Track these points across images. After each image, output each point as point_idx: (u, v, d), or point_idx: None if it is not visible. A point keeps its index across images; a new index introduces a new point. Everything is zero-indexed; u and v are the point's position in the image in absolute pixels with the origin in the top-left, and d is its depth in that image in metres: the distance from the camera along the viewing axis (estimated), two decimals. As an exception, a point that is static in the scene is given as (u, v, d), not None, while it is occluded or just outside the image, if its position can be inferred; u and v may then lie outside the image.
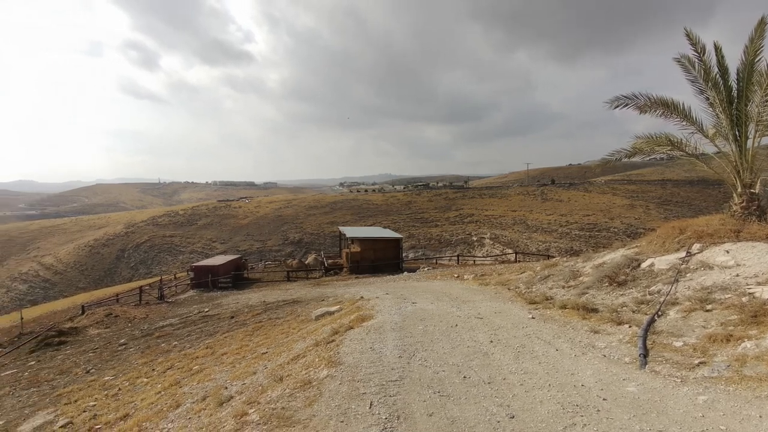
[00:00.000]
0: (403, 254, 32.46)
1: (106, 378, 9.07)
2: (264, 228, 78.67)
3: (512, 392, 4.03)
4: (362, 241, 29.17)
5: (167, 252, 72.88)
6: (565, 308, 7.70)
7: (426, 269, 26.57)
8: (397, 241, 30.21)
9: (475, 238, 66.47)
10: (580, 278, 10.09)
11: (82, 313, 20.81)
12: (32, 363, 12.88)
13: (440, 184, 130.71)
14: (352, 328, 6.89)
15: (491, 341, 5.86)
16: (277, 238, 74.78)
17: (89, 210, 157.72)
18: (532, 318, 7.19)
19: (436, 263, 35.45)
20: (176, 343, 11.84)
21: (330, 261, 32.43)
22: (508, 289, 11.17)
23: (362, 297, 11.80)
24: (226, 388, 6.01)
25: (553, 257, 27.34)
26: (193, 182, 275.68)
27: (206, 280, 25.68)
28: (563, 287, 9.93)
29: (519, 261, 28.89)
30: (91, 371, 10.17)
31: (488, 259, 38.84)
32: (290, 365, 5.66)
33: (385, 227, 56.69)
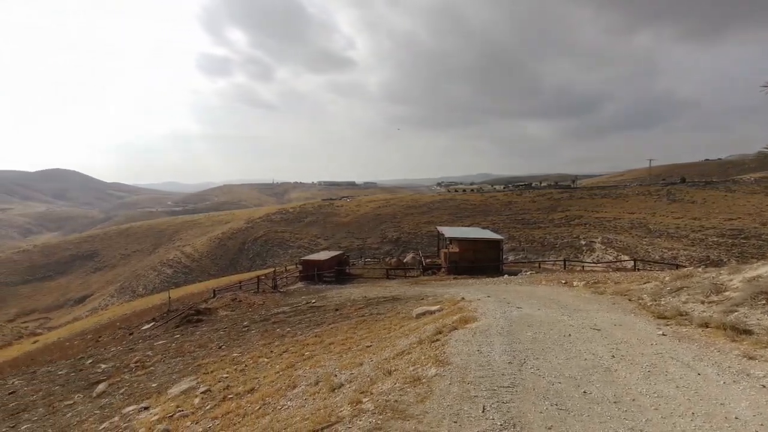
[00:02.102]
0: (503, 256, 31.14)
1: (234, 354, 10.31)
2: (364, 226, 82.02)
3: (645, 416, 3.60)
4: (461, 241, 28.69)
5: (279, 246, 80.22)
6: (707, 327, 6.64)
7: (528, 273, 25.13)
8: (498, 242, 29.09)
9: (583, 242, 60.90)
10: (726, 293, 8.60)
11: (213, 296, 23.98)
12: (177, 336, 15.21)
13: (544, 184, 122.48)
14: (455, 329, 6.82)
15: (613, 356, 5.31)
16: (376, 236, 77.36)
17: (218, 207, 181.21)
18: (663, 335, 6.34)
19: (540, 267, 33.27)
20: (289, 329, 12.95)
21: (428, 260, 32.53)
22: (629, 299, 10.02)
23: (463, 298, 11.60)
24: (336, 375, 6.39)
25: (683, 267, 23.76)
26: (300, 182, 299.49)
27: (312, 273, 27.60)
28: (702, 302, 8.56)
29: (638, 269, 25.69)
30: (222, 347, 11.66)
31: (599, 265, 35.26)
32: (396, 360, 5.81)
33: (483, 228, 55.03)
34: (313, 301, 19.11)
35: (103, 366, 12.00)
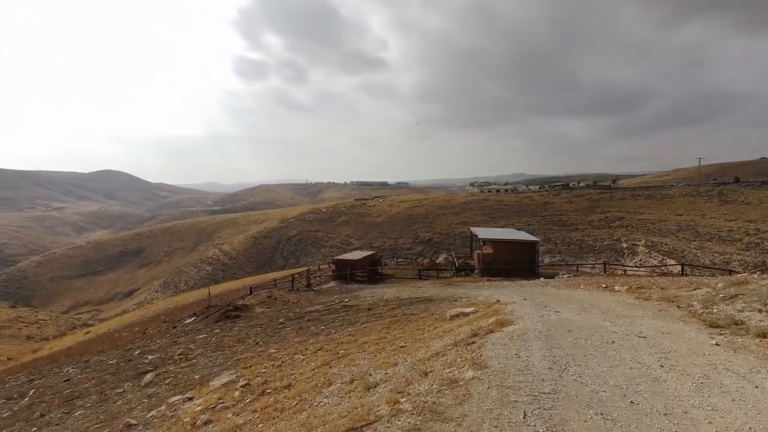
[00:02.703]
0: (539, 258, 30.31)
1: (270, 350, 10.60)
2: (396, 226, 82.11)
3: (698, 430, 3.41)
4: (495, 242, 28.20)
5: (312, 245, 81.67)
6: (765, 337, 6.21)
7: (565, 276, 24.35)
8: (533, 244, 28.37)
9: (625, 245, 58.28)
10: (787, 302, 8.01)
11: (250, 293, 24.72)
12: (217, 331, 15.80)
13: (582, 184, 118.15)
14: (492, 331, 6.71)
15: (661, 365, 5.05)
16: (408, 236, 77.25)
17: (254, 207, 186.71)
18: (716, 344, 5.97)
19: (578, 270, 32.13)
20: (323, 327, 13.16)
21: (460, 261, 32.18)
22: (678, 307, 9.50)
23: (498, 300, 11.39)
24: (371, 374, 6.43)
25: (737, 272, 22.27)
26: (333, 182, 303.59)
27: (345, 273, 27.91)
28: (759, 311, 8.01)
29: (686, 274, 24.29)
30: (259, 343, 12.00)
31: (642, 269, 33.62)
32: (431, 362, 5.78)
33: (518, 229, 53.79)
34: (346, 300, 19.32)
35: (150, 357, 12.65)
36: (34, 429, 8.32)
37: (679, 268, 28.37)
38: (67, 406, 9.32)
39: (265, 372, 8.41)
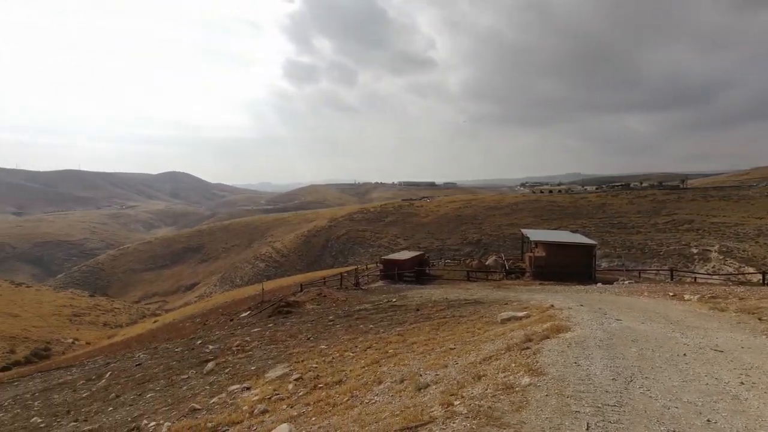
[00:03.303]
0: (596, 263, 28.70)
1: (321, 346, 10.88)
2: (444, 227, 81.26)
3: (788, 456, 3.07)
4: (548, 245, 27.09)
5: (360, 244, 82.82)
6: None
7: (626, 282, 22.87)
8: (590, 247, 26.91)
9: (695, 251, 53.67)
10: None
11: (301, 290, 25.52)
12: (270, 325, 16.47)
13: (644, 184, 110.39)
14: (547, 337, 6.45)
15: (742, 383, 4.60)
16: (456, 237, 76.17)
17: (305, 206, 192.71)
18: (808, 362, 5.34)
19: (640, 276, 30.05)
20: (372, 326, 13.31)
21: (511, 264, 31.24)
22: (759, 319, 8.62)
23: (552, 305, 10.93)
24: (421, 375, 6.42)
25: (834, 284, 19.84)
26: (381, 183, 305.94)
27: (393, 272, 28.03)
28: None
29: (769, 284, 21.90)
30: (310, 339, 12.36)
31: (716, 277, 30.80)
32: (483, 365, 5.67)
33: (573, 232, 51.29)
34: (394, 299, 19.40)
35: (211, 347, 13.45)
36: (110, 409, 9.13)
37: (760, 276, 25.68)
38: (139, 389, 10.13)
39: (316, 367, 8.65)
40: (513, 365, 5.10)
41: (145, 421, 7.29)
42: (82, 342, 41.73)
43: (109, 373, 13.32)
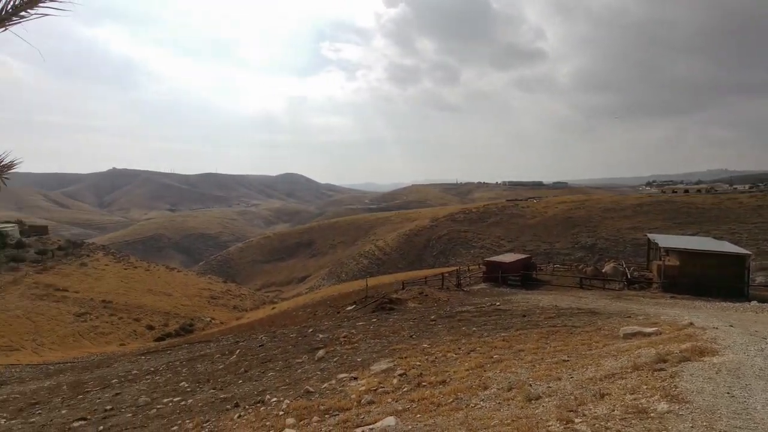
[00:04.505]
0: (749, 276, 23.94)
1: (423, 345, 10.95)
2: (552, 229, 75.71)
3: None
4: (683, 253, 23.48)
5: (461, 245, 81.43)
6: None
7: (795, 303, 18.64)
8: (740, 258, 22.61)
9: None
10: None
11: (403, 288, 26.03)
12: (374, 320, 17.11)
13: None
14: (686, 360, 5.57)
15: None
16: (567, 240, 70.38)
17: (407, 206, 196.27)
18: None
19: (815, 296, 24.21)
20: (475, 329, 12.98)
21: (633, 272, 27.78)
22: None
23: (691, 323, 9.43)
24: (530, 385, 6.06)
25: None
26: (484, 182, 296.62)
27: (496, 275, 26.99)
28: None
29: None
30: (413, 336, 12.53)
31: None
32: (605, 383, 5.12)
33: (717, 238, 43.51)
34: (498, 303, 18.67)
35: (321, 336, 14.49)
36: (240, 381, 10.40)
37: None
38: (262, 367, 11.37)
39: (419, 365, 8.73)
40: (644, 387, 4.50)
41: (268, 396, 8.14)
42: (216, 321, 48.44)
43: (239, 350, 15.18)
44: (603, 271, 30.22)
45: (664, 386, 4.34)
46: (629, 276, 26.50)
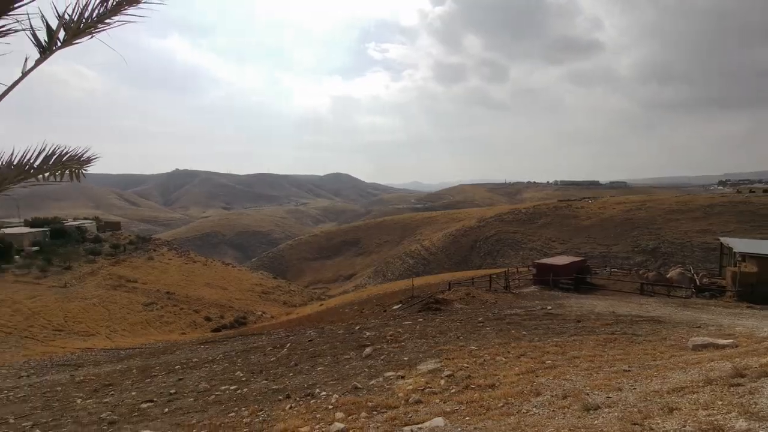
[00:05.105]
0: None
1: (471, 347, 10.76)
2: (609, 231, 71.58)
3: None
4: (762, 259, 21.36)
5: (510, 246, 79.14)
6: None
7: None
8: (834, 265, 20.19)
9: None
10: None
11: (449, 289, 25.73)
12: (420, 320, 17.04)
13: None
14: (768, 375, 5.05)
15: None
16: (625, 243, 66.24)
17: (452, 206, 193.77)
18: None
19: None
20: (525, 333, 12.57)
21: (703, 279, 25.64)
22: None
23: (773, 337, 8.54)
24: (587, 394, 5.78)
25: None
26: (534, 182, 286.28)
27: (547, 278, 25.99)
28: None
29: None
30: (460, 338, 12.36)
31: None
32: (673, 396, 4.77)
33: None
34: (549, 307, 17.97)
35: (367, 333, 14.66)
36: (290, 374, 10.76)
37: None
38: (311, 361, 11.70)
39: (467, 367, 8.59)
40: (719, 402, 4.13)
41: (318, 390, 8.37)
42: (267, 315, 50.50)
43: (289, 344, 15.72)
44: (667, 276, 28.16)
45: (742, 402, 3.95)
46: (698, 283, 24.50)
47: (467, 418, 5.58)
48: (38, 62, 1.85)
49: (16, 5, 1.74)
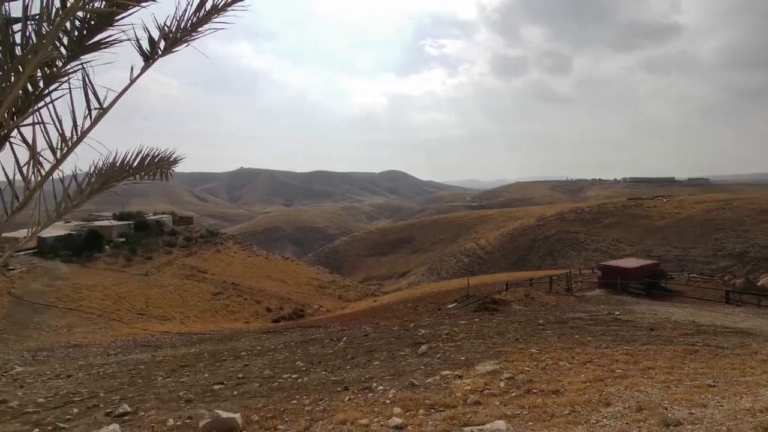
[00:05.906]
0: None
1: (532, 350, 10.36)
2: (686, 233, 65.48)
3: None
4: None
5: (571, 247, 75.09)
6: None
7: None
8: None
9: None
10: None
11: (506, 289, 24.96)
12: (476, 320, 16.71)
13: None
14: None
15: None
16: (706, 246, 60.26)
17: (510, 204, 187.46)
18: None
19: None
20: (590, 338, 11.88)
21: (804, 289, 22.65)
22: None
23: None
24: (665, 408, 5.35)
25: None
26: (599, 179, 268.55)
27: (615, 281, 24.39)
28: None
29: None
30: (519, 340, 11.94)
31: None
32: (767, 416, 4.28)
33: None
34: (617, 313, 16.83)
35: (423, 331, 14.64)
36: (348, 367, 11.03)
37: None
38: (367, 356, 11.91)
39: (528, 371, 8.29)
40: (827, 428, 3.65)
41: (375, 384, 8.50)
42: (323, 309, 52.14)
43: (345, 338, 16.13)
44: (758, 284, 25.21)
45: None
46: (797, 292, 21.69)
47: (530, 423, 5.39)
48: (143, 69, 2.01)
49: (119, 16, 1.89)
